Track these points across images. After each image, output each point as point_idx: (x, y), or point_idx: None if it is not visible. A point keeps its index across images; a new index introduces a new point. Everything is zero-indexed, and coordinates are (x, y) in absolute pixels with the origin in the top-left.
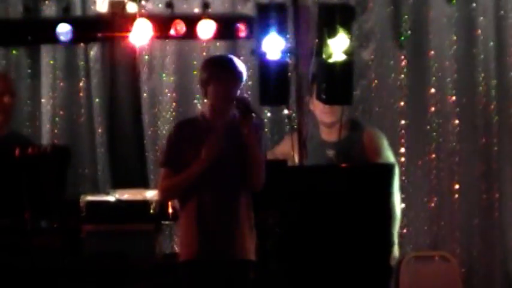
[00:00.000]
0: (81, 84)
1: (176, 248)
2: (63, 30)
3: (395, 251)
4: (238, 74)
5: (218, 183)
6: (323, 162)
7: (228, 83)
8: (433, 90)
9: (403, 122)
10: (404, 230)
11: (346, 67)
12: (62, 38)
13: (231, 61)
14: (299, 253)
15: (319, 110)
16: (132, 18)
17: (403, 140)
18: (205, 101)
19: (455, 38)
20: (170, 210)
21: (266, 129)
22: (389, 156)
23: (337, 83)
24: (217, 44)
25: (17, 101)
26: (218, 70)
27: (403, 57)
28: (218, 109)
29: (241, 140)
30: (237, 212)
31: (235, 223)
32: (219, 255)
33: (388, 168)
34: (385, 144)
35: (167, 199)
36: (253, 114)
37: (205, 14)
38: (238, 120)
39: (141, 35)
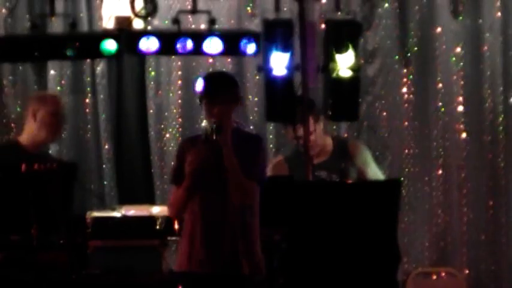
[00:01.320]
0: (87, 100)
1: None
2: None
3: None
4: (226, 93)
5: (214, 196)
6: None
7: (216, 101)
8: (439, 105)
9: (409, 137)
10: (411, 246)
11: (353, 83)
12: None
13: (220, 79)
14: (306, 269)
15: None
16: (138, 34)
17: (409, 156)
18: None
19: (461, 54)
20: (176, 226)
21: (271, 145)
22: (376, 169)
23: (343, 99)
24: (224, 60)
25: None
26: (207, 88)
27: (409, 73)
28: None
29: (237, 155)
30: (232, 223)
31: (231, 235)
32: (214, 267)
33: (396, 184)
34: (370, 155)
35: (174, 215)
36: (214, 137)
37: (211, 30)
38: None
39: (147, 51)
